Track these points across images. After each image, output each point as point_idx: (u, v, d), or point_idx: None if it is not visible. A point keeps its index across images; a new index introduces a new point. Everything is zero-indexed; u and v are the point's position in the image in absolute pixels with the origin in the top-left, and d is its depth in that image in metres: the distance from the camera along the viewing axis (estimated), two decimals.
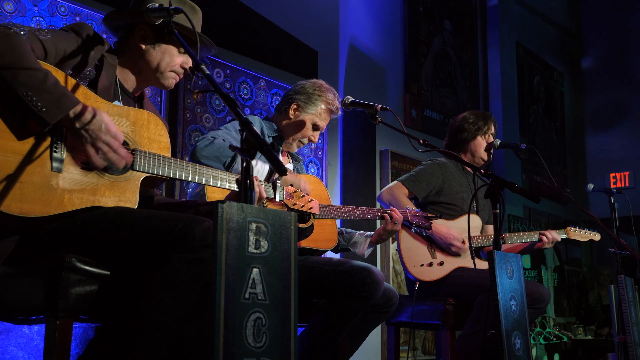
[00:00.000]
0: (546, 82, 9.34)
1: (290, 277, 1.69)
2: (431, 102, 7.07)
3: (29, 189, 2.06)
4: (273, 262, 1.66)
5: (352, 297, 2.91)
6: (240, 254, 1.60)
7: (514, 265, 2.54)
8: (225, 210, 1.59)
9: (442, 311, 3.86)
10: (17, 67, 2.02)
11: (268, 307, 1.62)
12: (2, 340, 3.30)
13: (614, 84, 9.81)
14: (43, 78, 2.06)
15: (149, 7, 2.31)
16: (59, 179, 2.14)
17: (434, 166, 4.19)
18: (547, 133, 9.22)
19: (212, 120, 4.65)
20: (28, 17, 3.66)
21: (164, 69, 2.58)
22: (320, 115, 3.44)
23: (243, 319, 1.57)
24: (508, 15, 8.29)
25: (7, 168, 2.02)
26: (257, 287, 1.62)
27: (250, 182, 1.67)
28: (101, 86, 2.38)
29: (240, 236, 1.61)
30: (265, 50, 5.11)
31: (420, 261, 3.91)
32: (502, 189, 2.54)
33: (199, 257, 2.08)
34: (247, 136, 1.70)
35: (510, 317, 2.43)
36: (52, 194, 2.11)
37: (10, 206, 2.01)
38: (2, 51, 2.03)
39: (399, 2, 6.88)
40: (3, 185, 2.00)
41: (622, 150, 9.48)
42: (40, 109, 2.02)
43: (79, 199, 2.17)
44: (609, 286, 4.14)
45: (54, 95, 2.05)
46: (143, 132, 2.41)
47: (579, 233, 4.42)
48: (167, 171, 2.37)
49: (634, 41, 9.69)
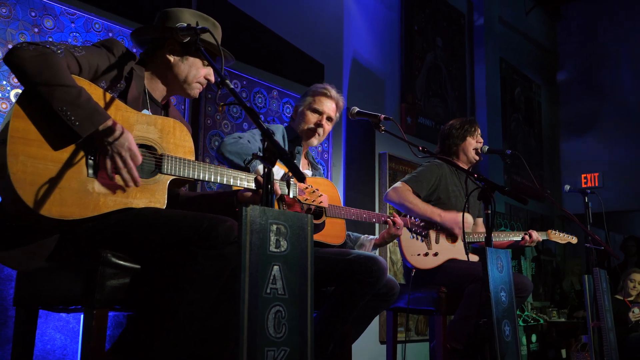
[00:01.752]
0: (526, 93, 9.29)
1: (307, 273, 1.65)
2: (424, 111, 7.03)
3: (67, 193, 2.03)
4: (292, 260, 1.63)
5: (359, 283, 2.88)
6: (262, 252, 1.56)
7: (503, 260, 2.50)
8: (249, 213, 1.55)
9: (436, 298, 3.83)
10: (54, 83, 2.00)
11: (287, 301, 1.58)
12: (41, 324, 3.26)
13: (586, 95, 9.76)
14: (77, 94, 2.03)
15: (177, 27, 2.27)
16: (94, 184, 2.11)
17: (433, 167, 4.16)
18: (526, 139, 9.18)
19: (230, 126, 4.61)
20: (66, 33, 3.62)
21: (191, 81, 2.54)
22: (314, 100, 3.35)
23: (265, 312, 1.54)
24: (492, 34, 8.25)
25: (47, 175, 2.00)
26: (278, 283, 1.58)
27: (271, 186, 1.62)
28: (131, 96, 2.35)
29: (262, 237, 1.57)
30: (277, 64, 5.08)
31: (417, 251, 3.88)
32: (494, 191, 2.50)
33: (222, 253, 2.05)
34: (268, 145, 1.65)
35: (501, 307, 2.40)
36: (89, 197, 2.09)
37: (51, 210, 1.99)
38: (40, 69, 2.01)
39: (397, 21, 6.85)
40: (44, 191, 1.97)
41: (593, 154, 9.45)
42: (74, 123, 2.00)
43: (113, 201, 2.14)
44: (583, 276, 4.09)
45: (86, 111, 2.03)
46: (170, 138, 2.37)
47: (559, 236, 4.39)
48: (192, 173, 2.33)
49: (604, 57, 9.65)
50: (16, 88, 3.35)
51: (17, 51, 2.03)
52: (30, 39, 3.44)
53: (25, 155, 1.98)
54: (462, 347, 3.80)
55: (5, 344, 3.08)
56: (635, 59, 9.39)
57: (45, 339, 3.34)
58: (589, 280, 4.05)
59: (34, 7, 3.48)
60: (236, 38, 4.59)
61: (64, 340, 3.43)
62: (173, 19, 2.46)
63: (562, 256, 9.46)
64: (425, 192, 4.07)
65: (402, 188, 3.98)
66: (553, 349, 7.51)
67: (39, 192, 1.96)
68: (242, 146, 2.90)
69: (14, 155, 1.96)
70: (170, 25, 2.42)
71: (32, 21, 3.47)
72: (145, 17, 3.98)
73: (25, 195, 1.94)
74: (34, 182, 1.97)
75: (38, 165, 1.99)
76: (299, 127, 3.34)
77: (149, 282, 2.12)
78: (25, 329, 2.24)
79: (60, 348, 3.43)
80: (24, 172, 1.96)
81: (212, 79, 2.59)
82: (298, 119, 3.37)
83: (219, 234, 2.03)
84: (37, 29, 3.48)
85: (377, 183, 6.17)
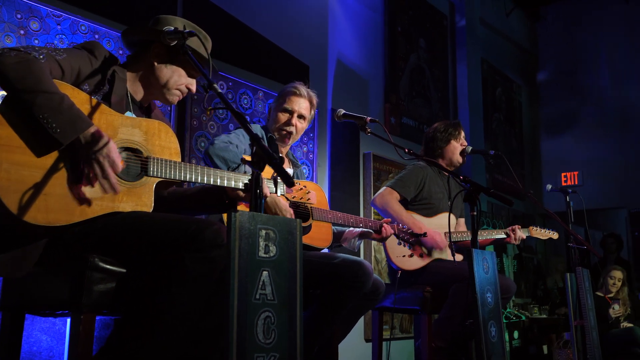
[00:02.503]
0: (506, 93, 9.33)
1: (296, 278, 1.62)
2: (408, 111, 7.02)
3: (52, 200, 1.98)
4: (281, 265, 1.60)
5: (345, 287, 2.86)
6: (251, 258, 1.53)
7: (489, 262, 2.48)
8: (238, 219, 1.52)
9: (421, 298, 3.82)
10: (36, 90, 1.95)
11: (276, 307, 1.56)
12: (27, 325, 3.21)
13: (565, 95, 9.82)
14: (59, 101, 1.98)
15: (165, 30, 2.23)
16: (80, 189, 2.06)
17: (417, 169, 4.14)
18: (507, 138, 9.21)
19: (217, 127, 4.58)
20: (52, 35, 3.57)
21: (171, 86, 2.49)
22: (284, 99, 3.31)
23: (254, 317, 1.51)
24: (474, 35, 8.27)
25: (32, 182, 1.95)
26: (267, 289, 1.55)
27: (260, 191, 1.60)
28: (114, 99, 2.30)
29: (252, 242, 1.54)
30: (263, 65, 5.06)
31: (402, 252, 3.86)
32: (479, 193, 2.48)
33: (209, 256, 2.01)
34: (257, 150, 1.62)
35: (487, 308, 2.38)
36: (75, 203, 2.04)
37: (37, 217, 1.94)
38: (22, 76, 1.95)
39: (380, 22, 6.84)
40: (29, 198, 1.92)
41: (572, 153, 9.51)
42: (55, 130, 1.95)
43: (99, 205, 2.09)
44: (565, 274, 4.09)
45: (68, 118, 1.98)
46: (155, 140, 2.32)
47: (540, 232, 4.39)
48: (179, 175, 2.28)
49: (583, 58, 9.72)
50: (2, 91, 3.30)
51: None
52: (16, 41, 3.39)
53: (9, 163, 1.92)
54: (446, 346, 3.80)
55: None
56: (613, 60, 9.47)
57: (32, 341, 3.29)
58: (571, 278, 4.05)
59: (20, 9, 3.43)
60: (222, 40, 4.56)
61: (50, 342, 3.39)
62: (163, 24, 2.43)
63: (544, 254, 9.51)
64: (412, 194, 4.05)
65: (388, 195, 3.96)
66: (534, 345, 7.53)
67: (23, 199, 1.91)
68: (230, 153, 2.87)
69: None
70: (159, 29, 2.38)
71: (18, 23, 3.42)
72: (131, 19, 3.94)
73: (10, 203, 1.90)
74: (19, 189, 1.92)
75: (22, 172, 1.94)
76: (271, 128, 3.32)
77: (136, 285, 2.09)
78: (11, 333, 2.20)
79: (46, 350, 3.38)
80: (7, 179, 1.91)
81: (193, 89, 2.55)
82: (270, 120, 3.35)
83: (205, 237, 1.99)
84: (23, 31, 3.43)
85: (361, 183, 6.16)
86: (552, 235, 4.44)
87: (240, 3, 4.93)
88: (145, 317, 2.02)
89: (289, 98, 3.30)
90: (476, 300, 2.31)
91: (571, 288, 4.05)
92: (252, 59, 4.97)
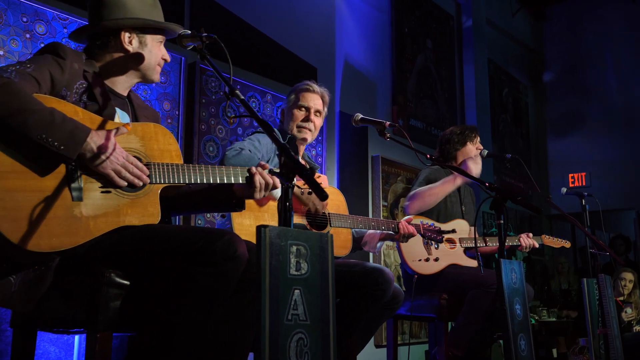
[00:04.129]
0: (513, 94, 9.24)
1: (328, 297, 1.53)
2: (415, 113, 6.93)
3: (54, 223, 1.86)
4: (313, 282, 1.50)
5: (366, 296, 2.77)
6: (282, 276, 1.44)
7: (517, 272, 2.39)
8: (268, 234, 1.43)
9: (437, 305, 3.75)
10: (23, 111, 1.82)
11: (309, 328, 1.46)
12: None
13: (572, 95, 9.71)
14: (50, 117, 1.86)
15: (182, 34, 2.13)
16: (82, 207, 1.94)
17: (434, 171, 4.06)
18: (514, 139, 9.12)
19: (225, 131, 4.49)
20: (58, 38, 3.49)
21: (153, 66, 2.37)
22: (298, 97, 3.24)
23: (286, 340, 1.41)
24: (481, 35, 8.18)
25: (29, 207, 1.83)
26: (299, 308, 1.46)
27: (289, 204, 1.50)
28: (98, 95, 2.17)
29: (282, 259, 1.45)
30: (271, 68, 4.98)
31: (418, 256, 3.78)
32: (506, 201, 2.39)
33: (221, 270, 1.90)
34: (285, 161, 1.53)
35: (516, 320, 2.29)
36: (78, 223, 1.92)
37: (40, 244, 1.82)
38: (3, 101, 1.81)
39: (387, 23, 6.76)
40: (28, 225, 1.80)
41: (580, 154, 9.40)
42: (59, 148, 1.84)
43: (104, 222, 1.98)
44: (582, 279, 3.99)
45: (66, 132, 1.86)
46: (153, 145, 2.19)
47: (553, 240, 4.32)
48: (182, 178, 2.15)
49: (589, 57, 9.62)
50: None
51: None
52: (22, 45, 3.30)
53: (2, 190, 1.80)
54: (463, 354, 3.71)
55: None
56: (620, 59, 9.37)
57: (39, 352, 3.21)
58: (588, 284, 3.96)
59: (26, 12, 3.34)
60: (229, 42, 4.46)
61: (58, 354, 3.31)
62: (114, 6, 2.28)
63: (550, 255, 9.42)
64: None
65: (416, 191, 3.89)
66: (544, 349, 7.44)
67: (23, 226, 1.79)
68: (244, 159, 2.75)
69: None
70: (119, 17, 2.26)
71: (24, 27, 3.33)
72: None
73: (9, 233, 1.77)
74: (16, 217, 1.80)
75: (17, 198, 1.81)
76: (289, 127, 3.23)
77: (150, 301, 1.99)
78: (23, 351, 2.11)
79: None
80: (3, 208, 1.79)
81: (168, 59, 2.43)
82: (286, 120, 3.25)
83: (216, 249, 1.88)
84: (28, 34, 3.34)
85: (370, 186, 6.08)
86: (564, 244, 4.37)
87: (248, 5, 4.85)
88: (159, 334, 1.93)
89: (303, 95, 3.23)
90: (505, 313, 2.21)
91: (588, 294, 3.96)
92: (260, 62, 4.89)
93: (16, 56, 3.26)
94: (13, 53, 3.26)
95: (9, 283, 1.92)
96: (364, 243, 3.33)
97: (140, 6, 2.32)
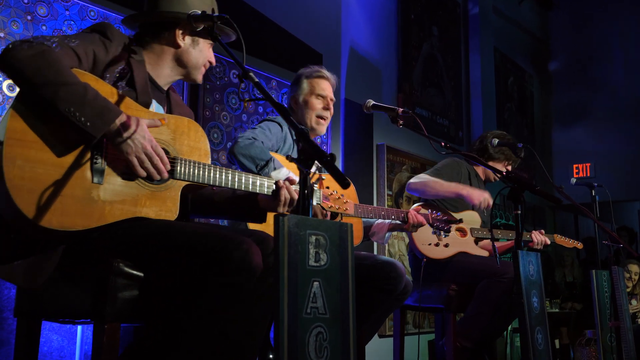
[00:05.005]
0: (518, 83, 9.15)
1: (348, 289, 1.46)
2: (421, 101, 6.86)
3: (69, 202, 1.81)
4: (332, 274, 1.43)
5: (378, 290, 2.72)
6: (301, 267, 1.37)
7: (534, 263, 2.33)
8: (287, 224, 1.36)
9: (446, 295, 3.70)
10: (57, 83, 1.78)
11: (328, 321, 1.40)
12: None
13: (578, 85, 9.62)
14: (83, 92, 1.82)
15: (191, 14, 2.06)
16: (100, 191, 1.89)
17: (453, 163, 4.03)
18: (519, 128, 9.04)
19: (229, 118, 4.42)
20: (60, 21, 3.41)
21: (200, 65, 2.33)
22: (312, 85, 3.14)
23: (305, 334, 1.35)
24: (487, 23, 8.09)
25: (47, 181, 1.78)
26: (318, 301, 1.39)
27: (308, 192, 1.44)
28: (139, 84, 2.12)
29: (301, 250, 1.38)
30: (276, 53, 4.90)
31: (428, 241, 3.74)
32: (523, 191, 2.33)
33: (234, 281, 1.83)
34: (304, 147, 1.46)
35: (533, 313, 2.24)
36: (93, 206, 1.86)
37: (52, 221, 1.77)
38: (39, 69, 1.78)
39: (394, 9, 6.67)
40: (44, 199, 1.75)
41: (585, 144, 9.31)
42: (85, 124, 1.79)
43: (120, 210, 1.92)
44: (590, 271, 3.94)
45: (96, 109, 1.81)
46: (183, 140, 2.14)
47: (565, 240, 4.30)
48: (207, 178, 2.11)
49: (596, 47, 9.51)
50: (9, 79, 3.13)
51: (11, 52, 1.80)
52: (23, 27, 3.22)
53: (23, 159, 1.76)
54: (472, 346, 3.66)
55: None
56: (627, 49, 9.27)
57: (42, 341, 3.15)
58: (597, 275, 3.90)
59: None
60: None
61: (61, 342, 3.27)
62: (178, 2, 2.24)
63: (553, 246, 9.37)
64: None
65: (424, 178, 3.84)
66: None
67: (37, 200, 1.75)
68: (257, 149, 2.68)
69: (10, 159, 1.74)
70: (177, 10, 2.21)
71: (25, 8, 3.25)
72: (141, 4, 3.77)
73: (22, 204, 1.73)
74: (33, 189, 1.75)
75: (37, 170, 1.77)
76: (305, 117, 3.13)
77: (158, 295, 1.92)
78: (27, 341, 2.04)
79: (57, 350, 3.26)
80: (21, 177, 1.75)
81: (214, 62, 2.39)
82: (301, 109, 3.14)
83: (232, 259, 1.81)
84: (30, 16, 3.26)
85: (374, 175, 6.02)
86: (577, 245, 4.35)
87: None
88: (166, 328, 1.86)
89: (318, 82, 3.13)
90: (523, 306, 2.16)
91: (597, 286, 3.91)
92: (266, 47, 4.81)
93: (17, 38, 3.18)
94: (14, 35, 3.18)
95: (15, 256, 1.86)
96: (372, 233, 3.27)
97: (199, 4, 2.27)
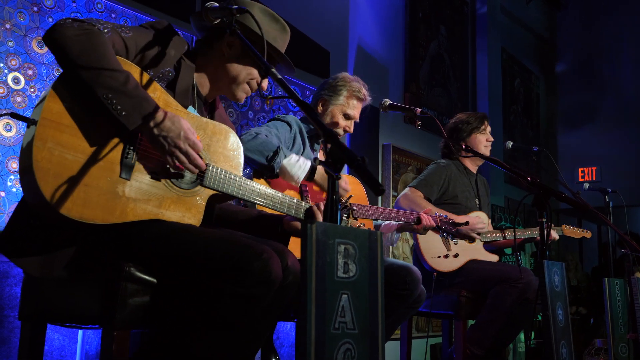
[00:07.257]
0: (525, 84, 9.06)
1: (377, 302, 1.37)
2: (427, 101, 6.77)
3: (93, 193, 1.74)
4: (361, 287, 1.34)
5: (392, 296, 2.65)
6: (329, 279, 1.28)
7: (559, 274, 2.25)
8: (314, 231, 1.27)
9: (456, 302, 3.62)
10: (99, 67, 1.73)
11: (357, 337, 1.31)
12: None
13: (584, 87, 9.52)
14: (124, 80, 1.76)
15: (207, 6, 1.97)
16: (126, 187, 1.81)
17: (440, 168, 3.92)
18: (524, 130, 8.95)
19: (235, 115, 4.34)
20: (67, 13, 3.32)
21: (241, 81, 2.21)
22: (348, 103, 3.09)
23: (333, 351, 1.26)
24: (495, 23, 8.00)
25: (74, 168, 1.71)
26: (347, 316, 1.30)
27: (336, 197, 1.35)
28: (179, 89, 2.05)
29: (330, 260, 1.29)
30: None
31: (437, 253, 3.65)
32: (549, 197, 2.24)
33: (252, 293, 1.76)
34: (333, 148, 1.37)
35: (558, 327, 2.15)
36: (117, 201, 1.78)
37: (71, 210, 1.69)
38: (84, 50, 1.73)
39: (401, 8, 6.58)
40: (67, 186, 1.68)
41: (591, 147, 9.20)
42: (120, 113, 1.73)
43: (143, 209, 1.84)
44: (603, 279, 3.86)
45: (134, 99, 1.76)
46: (218, 148, 2.07)
47: (573, 230, 4.19)
48: (237, 191, 2.04)
49: (603, 49, 9.42)
50: (14, 71, 3.04)
51: (59, 28, 1.75)
52: (29, 18, 3.14)
53: (54, 142, 1.70)
54: (483, 353, 3.58)
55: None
56: (635, 51, 9.17)
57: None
58: (609, 283, 3.82)
59: None
60: None
61: (62, 341, 3.21)
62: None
63: (556, 250, 9.30)
64: (436, 195, 3.86)
65: (413, 194, 3.75)
66: None
67: (61, 186, 1.68)
68: (262, 142, 2.64)
69: (41, 139, 1.68)
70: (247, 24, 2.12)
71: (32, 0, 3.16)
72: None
73: (45, 188, 1.66)
74: (58, 174, 1.69)
75: (66, 156, 1.71)
76: (324, 122, 3.07)
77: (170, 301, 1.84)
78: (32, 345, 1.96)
79: (58, 349, 3.20)
80: (49, 160, 1.68)
81: (264, 87, 2.26)
82: (325, 115, 3.09)
83: (252, 270, 1.74)
84: (36, 7, 3.17)
85: (380, 175, 5.95)
86: (585, 234, 4.24)
87: None
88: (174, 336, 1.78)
89: (354, 104, 3.09)
90: (548, 319, 2.07)
91: (609, 295, 3.83)
92: None
93: (23, 30, 3.10)
94: (20, 26, 3.10)
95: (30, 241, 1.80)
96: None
97: (268, 25, 2.19)
